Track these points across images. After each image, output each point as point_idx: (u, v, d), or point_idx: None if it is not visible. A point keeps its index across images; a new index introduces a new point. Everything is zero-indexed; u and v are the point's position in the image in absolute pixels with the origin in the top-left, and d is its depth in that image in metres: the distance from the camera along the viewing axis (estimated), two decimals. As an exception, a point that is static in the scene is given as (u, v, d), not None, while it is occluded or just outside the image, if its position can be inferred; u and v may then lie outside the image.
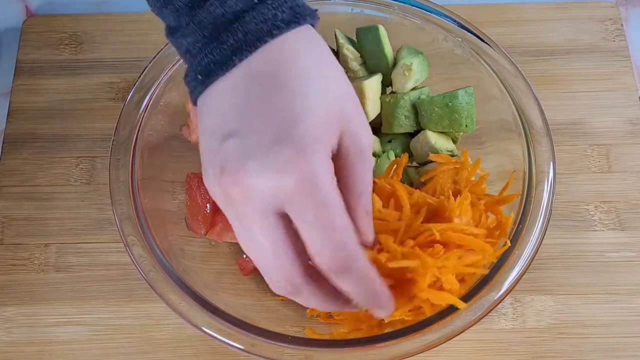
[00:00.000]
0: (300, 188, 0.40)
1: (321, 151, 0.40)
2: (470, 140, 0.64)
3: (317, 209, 0.40)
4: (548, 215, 0.56)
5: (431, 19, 0.64)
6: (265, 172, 0.40)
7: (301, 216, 0.40)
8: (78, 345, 0.62)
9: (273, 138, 0.40)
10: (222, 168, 0.41)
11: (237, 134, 0.41)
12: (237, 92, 0.41)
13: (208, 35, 0.42)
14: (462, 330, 0.52)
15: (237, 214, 0.42)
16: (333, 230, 0.41)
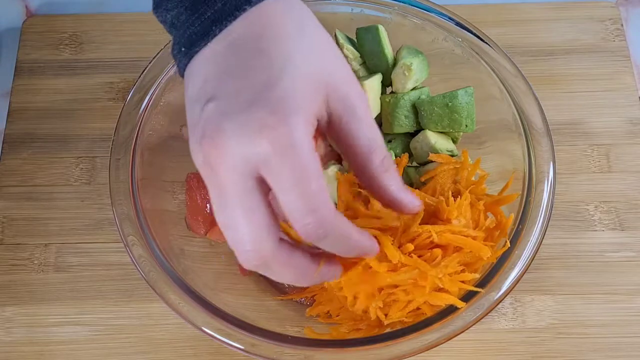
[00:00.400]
0: (276, 150, 0.39)
1: (299, 114, 0.40)
2: (470, 140, 0.64)
3: (292, 171, 0.39)
4: (548, 215, 0.56)
5: (431, 19, 0.64)
6: (242, 133, 0.39)
7: (276, 178, 0.40)
8: (78, 345, 0.62)
9: (250, 99, 0.40)
10: (203, 132, 0.41)
11: (217, 97, 0.41)
12: (218, 60, 0.42)
13: (189, 7, 0.43)
14: (462, 330, 0.52)
15: (214, 179, 0.41)
16: (308, 193, 0.40)
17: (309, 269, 0.44)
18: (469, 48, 0.63)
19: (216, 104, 0.41)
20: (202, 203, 0.61)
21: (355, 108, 0.43)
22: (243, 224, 0.41)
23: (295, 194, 0.40)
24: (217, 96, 0.41)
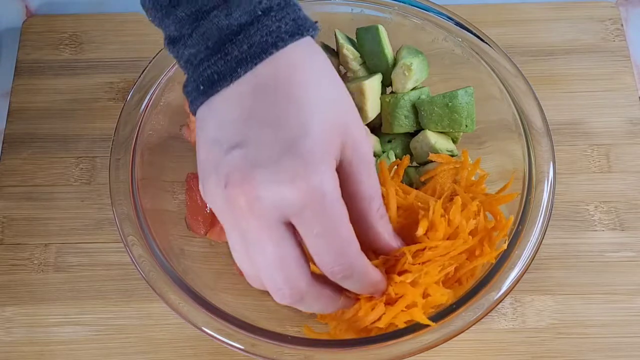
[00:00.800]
0: (309, 200, 0.40)
1: (328, 162, 0.41)
2: (470, 140, 0.64)
3: (324, 220, 0.41)
4: (548, 215, 0.56)
5: (431, 19, 0.64)
6: (274, 183, 0.40)
7: (308, 227, 0.41)
8: (78, 345, 0.62)
9: (281, 149, 0.40)
10: (228, 178, 0.41)
11: (244, 144, 0.41)
12: (242, 103, 0.42)
13: (212, 47, 0.42)
14: (462, 330, 0.52)
15: (238, 224, 0.42)
16: (338, 240, 0.42)
17: (335, 298, 0.47)
18: (469, 48, 0.63)
19: (245, 151, 0.41)
20: (202, 203, 0.61)
21: (365, 155, 0.44)
22: (276, 268, 0.42)
23: (326, 241, 0.42)
24: (245, 143, 0.41)
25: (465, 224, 0.54)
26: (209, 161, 0.42)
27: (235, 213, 0.41)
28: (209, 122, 0.43)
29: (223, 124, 0.42)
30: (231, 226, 0.43)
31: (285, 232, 0.42)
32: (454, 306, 0.52)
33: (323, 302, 0.46)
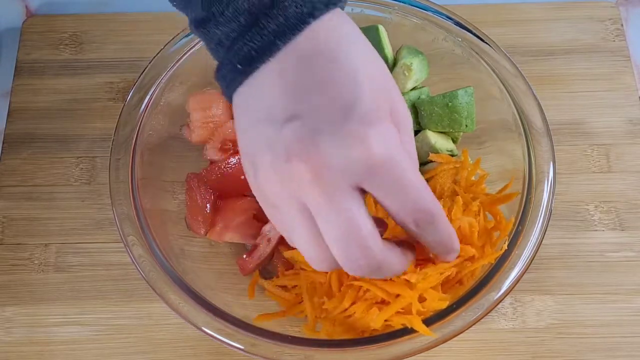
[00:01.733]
0: (379, 160, 0.40)
1: (387, 120, 0.41)
2: (470, 140, 0.64)
3: (397, 175, 0.41)
4: (548, 216, 0.56)
5: (431, 19, 0.64)
6: (341, 148, 0.39)
7: (382, 187, 0.41)
8: (78, 345, 0.62)
9: (339, 115, 0.40)
10: (289, 151, 0.40)
11: (299, 115, 0.40)
12: (287, 77, 0.41)
13: (245, 23, 0.41)
14: (462, 330, 0.52)
15: (301, 201, 0.41)
16: (414, 190, 0.42)
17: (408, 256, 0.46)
18: (469, 48, 0.63)
19: (301, 122, 0.40)
20: (202, 203, 0.61)
21: (407, 122, 0.44)
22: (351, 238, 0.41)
23: (403, 194, 0.41)
24: (299, 114, 0.40)
25: (482, 218, 0.54)
26: (259, 142, 0.41)
27: (299, 189, 0.40)
28: (252, 103, 0.42)
29: (270, 100, 0.41)
30: (290, 206, 0.41)
31: (356, 199, 0.41)
32: (454, 306, 0.52)
33: (396, 265, 0.44)
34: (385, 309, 0.53)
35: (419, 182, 0.42)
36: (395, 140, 0.41)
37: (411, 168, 0.42)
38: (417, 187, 0.42)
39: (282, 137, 0.40)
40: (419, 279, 0.52)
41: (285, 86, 0.41)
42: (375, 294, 0.53)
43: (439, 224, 0.44)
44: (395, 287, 0.53)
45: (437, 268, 0.53)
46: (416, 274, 0.52)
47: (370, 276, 0.43)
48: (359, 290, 0.54)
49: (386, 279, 0.53)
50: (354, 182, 0.40)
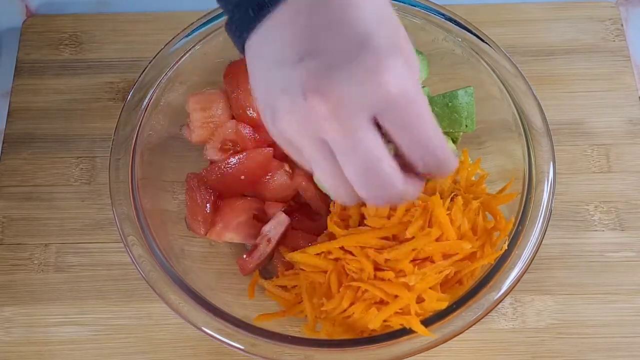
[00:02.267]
0: (395, 91, 0.40)
1: (401, 54, 0.41)
2: (470, 140, 0.64)
3: (413, 109, 0.41)
4: (548, 216, 0.56)
5: (431, 19, 0.64)
6: (356, 81, 0.39)
7: (398, 120, 0.41)
8: (78, 345, 0.62)
9: (353, 49, 0.40)
10: (305, 88, 0.40)
11: (315, 51, 0.40)
12: (299, 20, 0.41)
13: None
14: (462, 330, 0.52)
15: (321, 138, 0.41)
16: (428, 128, 0.42)
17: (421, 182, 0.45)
18: (469, 48, 0.63)
19: (317, 59, 0.40)
20: (202, 203, 0.61)
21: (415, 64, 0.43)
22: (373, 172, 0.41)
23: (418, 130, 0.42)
24: (315, 51, 0.40)
25: (482, 218, 0.54)
26: (275, 85, 0.41)
27: (318, 125, 0.40)
28: (266, 48, 0.42)
29: (284, 43, 0.41)
30: (311, 144, 0.42)
31: (373, 132, 0.41)
32: (454, 306, 0.52)
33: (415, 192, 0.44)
34: (383, 309, 0.53)
35: (432, 121, 0.42)
36: (410, 74, 0.41)
37: (425, 104, 0.42)
38: (430, 125, 0.42)
39: (298, 75, 0.40)
40: (417, 280, 0.52)
41: (299, 27, 0.41)
42: (374, 294, 0.53)
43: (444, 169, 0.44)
44: (393, 288, 0.53)
45: (435, 267, 0.53)
46: (414, 274, 0.52)
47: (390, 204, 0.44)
48: (358, 290, 0.54)
49: (388, 268, 0.53)
50: (370, 115, 0.41)
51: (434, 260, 0.54)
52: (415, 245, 0.53)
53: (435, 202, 0.53)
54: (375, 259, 0.54)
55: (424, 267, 0.53)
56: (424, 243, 0.53)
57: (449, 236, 0.53)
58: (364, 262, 0.54)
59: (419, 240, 0.53)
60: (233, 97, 0.62)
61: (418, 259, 0.54)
